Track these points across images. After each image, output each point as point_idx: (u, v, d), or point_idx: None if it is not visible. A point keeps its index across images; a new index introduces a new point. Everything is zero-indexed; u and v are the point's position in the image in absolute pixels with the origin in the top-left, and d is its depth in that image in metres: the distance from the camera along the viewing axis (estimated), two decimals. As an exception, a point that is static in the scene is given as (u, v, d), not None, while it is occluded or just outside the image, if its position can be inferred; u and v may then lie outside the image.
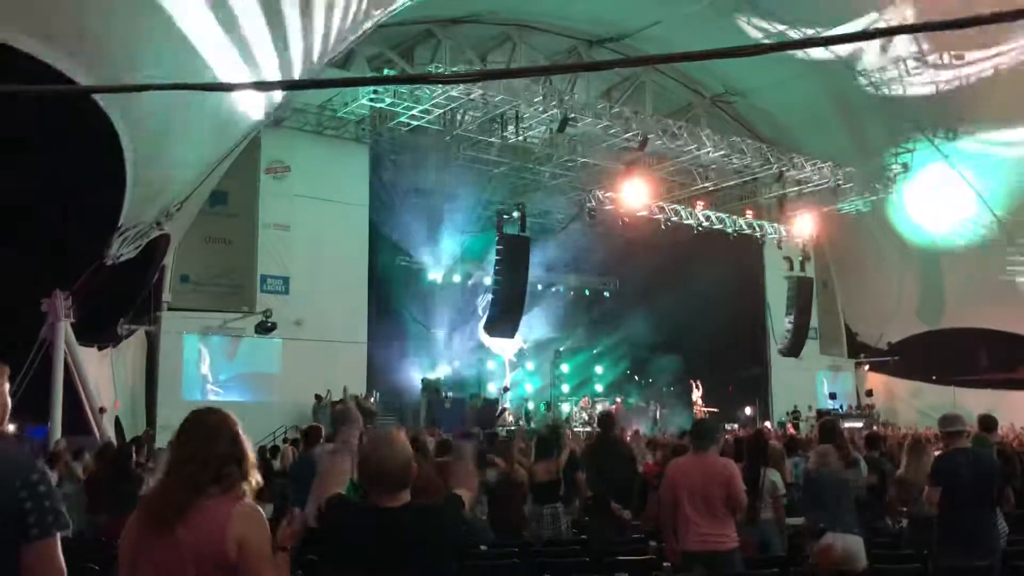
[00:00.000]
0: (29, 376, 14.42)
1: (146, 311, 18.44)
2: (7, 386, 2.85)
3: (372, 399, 19.73)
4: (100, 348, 16.88)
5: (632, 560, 6.61)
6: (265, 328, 19.43)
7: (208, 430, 2.84)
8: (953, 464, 6.13)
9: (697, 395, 25.29)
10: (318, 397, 19.00)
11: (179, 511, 2.70)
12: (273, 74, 13.34)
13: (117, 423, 16.40)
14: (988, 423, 8.62)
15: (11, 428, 15.36)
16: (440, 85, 18.02)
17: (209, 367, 19.43)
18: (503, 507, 8.22)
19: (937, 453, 6.75)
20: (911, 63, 22.22)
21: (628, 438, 13.97)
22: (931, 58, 21.82)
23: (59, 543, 2.60)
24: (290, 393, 19.39)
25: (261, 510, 2.86)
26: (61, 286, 14.97)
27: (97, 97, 11.47)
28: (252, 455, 2.91)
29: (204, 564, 2.69)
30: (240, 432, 2.89)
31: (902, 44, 21.56)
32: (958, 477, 6.02)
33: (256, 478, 2.88)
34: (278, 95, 15.95)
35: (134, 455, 10.27)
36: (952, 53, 21.46)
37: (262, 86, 11.44)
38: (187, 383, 19.07)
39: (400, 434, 3.27)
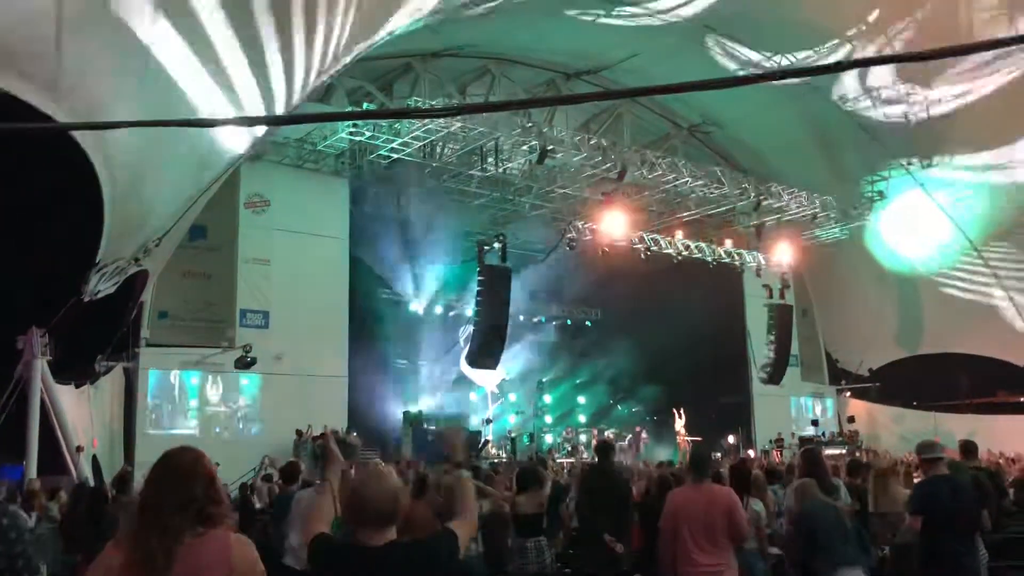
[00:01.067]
0: (5, 415, 14.24)
1: (124, 347, 18.27)
2: None
3: (353, 433, 19.55)
4: (77, 385, 16.67)
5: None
6: (245, 363, 19.26)
7: (183, 472, 2.79)
8: (934, 491, 6.13)
9: (680, 424, 25.26)
10: (299, 432, 18.84)
11: (168, 560, 2.65)
12: (253, 109, 13.35)
13: (95, 461, 16.15)
14: (968, 448, 8.66)
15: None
16: (420, 119, 18.10)
17: (188, 403, 19.24)
18: (490, 540, 8.14)
19: (917, 480, 6.76)
20: (885, 92, 22.55)
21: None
22: (904, 88, 22.15)
23: None
24: (270, 428, 19.24)
25: (251, 542, 2.84)
26: (38, 323, 14.82)
27: (75, 133, 11.43)
28: (226, 497, 2.87)
29: None
30: (213, 470, 2.85)
31: (877, 74, 21.87)
32: (939, 504, 6.02)
33: (233, 516, 2.84)
34: (259, 129, 15.95)
35: (110, 495, 10.13)
36: (923, 83, 21.80)
37: (241, 122, 11.44)
38: (166, 419, 18.87)
39: (387, 470, 3.24)
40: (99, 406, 17.46)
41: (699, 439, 24.55)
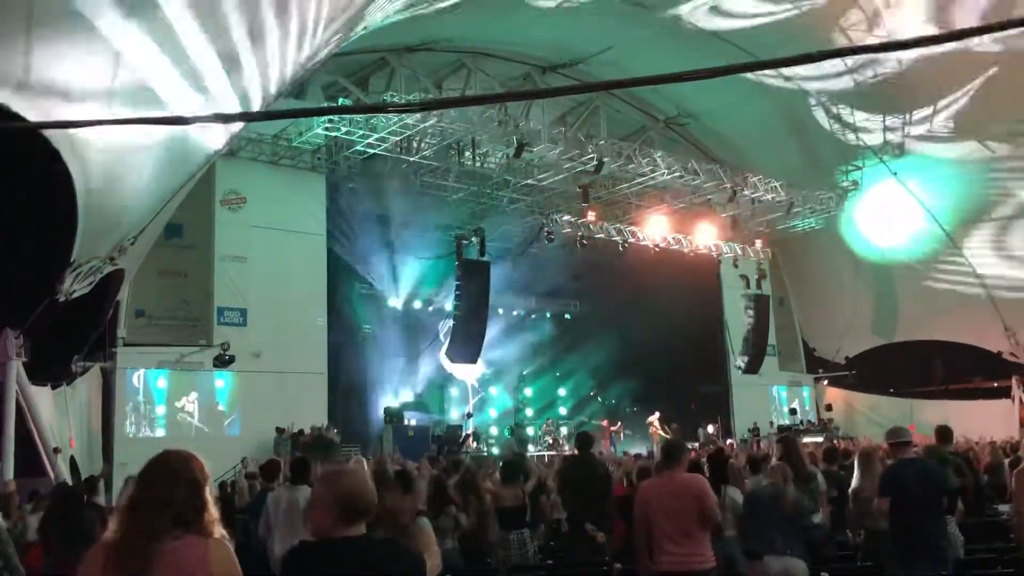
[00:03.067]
0: (-20, 418, 14.10)
1: (101, 347, 18.11)
2: None
3: (333, 431, 19.51)
4: (54, 387, 16.51)
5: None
6: (223, 361, 19.16)
7: (170, 474, 2.81)
8: (901, 474, 6.22)
9: (654, 416, 25.26)
10: (279, 430, 18.78)
11: (146, 559, 2.66)
12: (227, 106, 13.27)
13: (73, 462, 16.02)
14: (944, 434, 8.78)
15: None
16: (396, 114, 18.05)
17: (167, 402, 19.11)
18: (470, 534, 8.17)
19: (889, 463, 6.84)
20: (859, 82, 22.73)
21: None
22: (879, 77, 22.33)
23: None
24: (250, 426, 19.15)
25: (231, 548, 2.85)
26: (12, 325, 14.67)
27: (47, 132, 11.30)
28: (212, 503, 2.87)
29: None
30: (203, 478, 2.85)
31: (852, 64, 22.04)
32: (906, 487, 6.10)
33: (219, 530, 2.85)
34: (235, 126, 15.85)
35: (87, 496, 10.05)
36: (897, 71, 21.99)
37: (215, 119, 11.37)
38: (144, 419, 18.75)
39: (359, 465, 3.27)
40: (76, 407, 17.31)
41: (675, 425, 24.66)
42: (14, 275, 14.27)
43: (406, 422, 22.96)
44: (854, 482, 7.48)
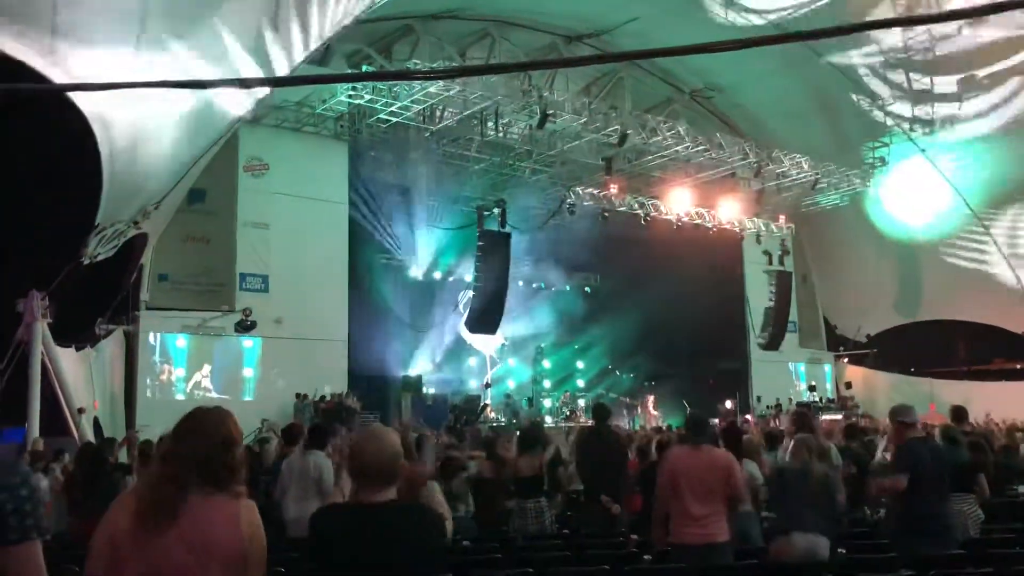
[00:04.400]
0: (6, 377, 14.32)
1: (124, 311, 18.28)
2: None
3: (353, 397, 19.66)
4: (78, 348, 16.72)
5: (614, 553, 6.65)
6: (245, 327, 19.31)
7: (203, 430, 2.84)
8: (917, 451, 6.18)
9: (650, 401, 25.26)
10: (299, 396, 18.94)
11: (172, 509, 2.69)
12: (251, 72, 13.26)
13: (96, 423, 16.26)
14: (959, 414, 8.75)
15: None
16: (419, 81, 17.96)
17: (188, 366, 19.30)
18: (487, 502, 8.24)
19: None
20: (890, 57, 22.41)
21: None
22: (910, 53, 22.00)
23: (39, 548, 2.58)
24: (270, 392, 19.32)
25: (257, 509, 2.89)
26: (38, 286, 14.83)
27: (72, 96, 11.36)
28: (243, 464, 2.90)
29: (210, 560, 2.68)
30: (237, 437, 2.88)
31: (882, 39, 21.72)
32: (922, 465, 6.07)
33: (243, 487, 2.87)
34: (258, 92, 15.84)
35: (114, 455, 10.21)
36: (930, 48, 21.66)
37: (240, 83, 11.36)
38: (166, 382, 18.95)
39: (388, 430, 3.28)
40: (99, 369, 17.53)
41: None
42: (40, 237, 14.42)
43: (425, 391, 23.08)
44: (878, 455, 7.44)
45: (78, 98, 11.75)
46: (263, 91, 16.24)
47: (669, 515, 5.86)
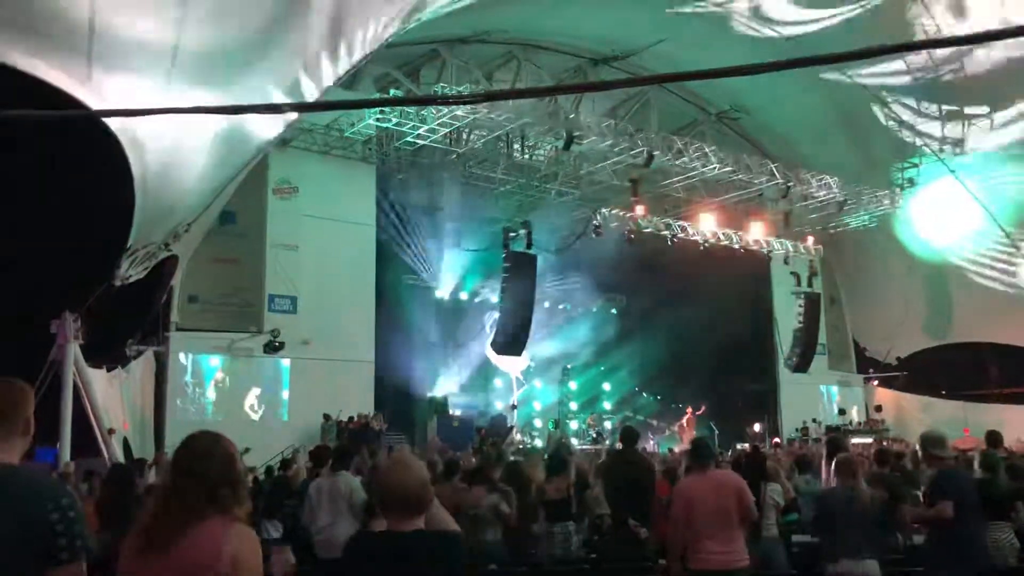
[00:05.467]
0: (39, 398, 14.46)
1: (155, 332, 18.50)
2: (31, 408, 2.91)
3: (379, 418, 19.70)
4: (109, 369, 16.93)
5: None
6: (273, 347, 19.44)
7: (203, 453, 2.84)
8: (959, 478, 6.12)
9: (687, 421, 25.00)
10: (326, 416, 19.01)
11: (173, 535, 2.68)
12: (282, 97, 13.44)
13: (126, 444, 16.41)
14: (995, 438, 8.62)
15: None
16: (447, 105, 18.10)
17: (217, 387, 19.44)
18: (515, 526, 8.20)
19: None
20: (919, 77, 22.28)
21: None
22: (939, 72, 21.87)
23: (84, 568, 2.63)
24: (298, 413, 19.41)
25: (254, 533, 2.88)
26: (71, 307, 15.04)
27: (106, 120, 11.57)
28: (246, 479, 2.91)
29: None
30: (235, 455, 2.89)
31: (911, 59, 21.62)
32: (965, 491, 5.99)
33: (248, 505, 2.88)
34: (288, 116, 16.04)
35: (141, 476, 10.29)
36: (960, 68, 21.51)
37: (268, 109, 11.52)
38: (195, 403, 19.08)
39: (414, 458, 3.28)
40: (129, 390, 17.72)
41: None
42: (73, 259, 14.65)
43: (451, 412, 23.08)
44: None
45: (112, 123, 11.97)
46: (292, 115, 16.44)
47: (685, 546, 5.85)
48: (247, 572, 2.75)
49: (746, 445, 21.53)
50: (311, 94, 14.02)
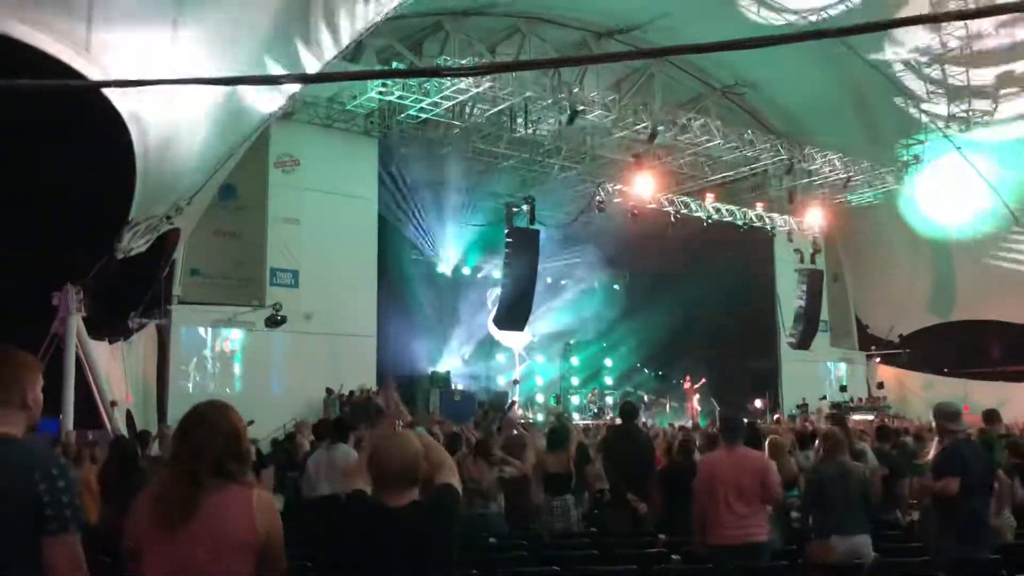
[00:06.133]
0: (42, 370, 14.51)
1: (157, 305, 18.51)
2: (40, 382, 2.89)
3: (381, 394, 19.73)
4: (111, 342, 16.95)
5: (641, 553, 6.61)
6: (275, 321, 19.45)
7: (209, 424, 2.85)
8: (965, 454, 6.09)
9: (694, 397, 25.06)
10: (329, 391, 19.06)
11: (190, 507, 2.70)
12: (283, 68, 13.35)
13: (129, 416, 16.47)
14: (991, 416, 8.62)
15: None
16: (449, 78, 17.98)
17: (219, 360, 19.47)
18: (515, 499, 8.23)
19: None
20: (925, 54, 22.10)
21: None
22: (945, 50, 21.68)
23: (79, 538, 2.61)
24: (300, 386, 19.43)
25: (275, 501, 2.90)
26: (72, 280, 15.04)
27: (107, 91, 11.49)
28: (250, 450, 2.92)
29: (227, 554, 2.70)
30: (240, 427, 2.89)
31: (918, 36, 21.43)
32: (970, 467, 5.97)
33: (252, 477, 2.89)
34: (289, 88, 15.93)
35: (144, 449, 10.32)
36: (966, 45, 21.33)
37: (271, 80, 11.44)
38: (197, 376, 19.12)
39: (407, 433, 3.28)
40: (132, 362, 17.75)
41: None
42: (74, 232, 14.63)
43: (453, 387, 23.13)
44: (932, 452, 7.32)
45: (113, 95, 11.90)
46: (294, 87, 16.34)
47: (708, 518, 5.87)
48: (276, 537, 2.81)
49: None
50: (312, 67, 13.92)
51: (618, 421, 9.32)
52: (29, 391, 2.84)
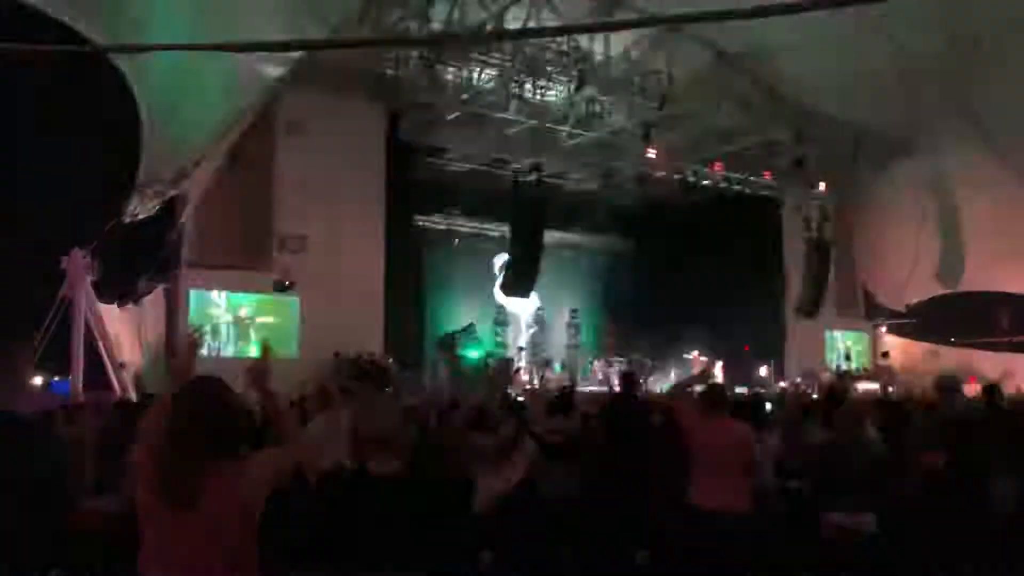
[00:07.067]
0: (51, 333, 14.70)
1: (165, 269, 18.62)
2: None
3: (388, 358, 19.88)
4: (120, 306, 17.10)
5: (639, 519, 6.70)
6: (283, 286, 19.55)
7: (201, 401, 2.87)
8: (962, 425, 6.14)
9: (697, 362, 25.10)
10: (337, 355, 19.19)
11: (186, 486, 2.74)
12: (290, 34, 13.31)
13: (138, 379, 16.64)
14: (991, 391, 8.64)
15: (38, 381, 15.79)
16: (456, 45, 17.85)
17: (227, 324, 19.59)
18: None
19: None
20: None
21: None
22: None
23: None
24: (308, 350, 19.55)
25: (265, 455, 2.98)
26: (81, 244, 15.15)
27: (112, 56, 11.49)
28: (245, 424, 2.96)
29: (225, 531, 2.75)
30: (233, 401, 2.92)
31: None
32: (966, 439, 6.02)
33: (247, 449, 2.93)
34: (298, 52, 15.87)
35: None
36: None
37: (276, 47, 11.38)
38: (212, 341, 19.21)
39: (389, 400, 3.33)
40: (141, 326, 17.90)
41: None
42: (82, 196, 14.71)
43: (459, 353, 23.19)
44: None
45: (117, 58, 11.89)
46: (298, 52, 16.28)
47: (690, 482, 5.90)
48: (268, 465, 2.92)
49: (746, 390, 21.69)
50: (318, 32, 13.87)
51: (618, 390, 9.36)
52: None
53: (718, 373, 25.07)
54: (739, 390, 21.41)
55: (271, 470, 2.94)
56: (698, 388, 6.69)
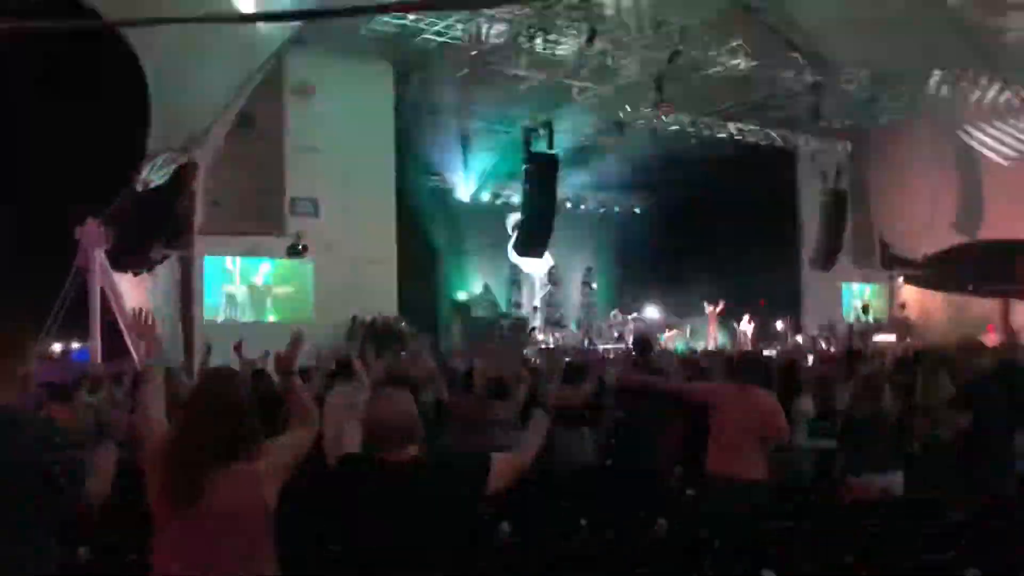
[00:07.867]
0: (68, 303, 14.80)
1: (178, 236, 18.63)
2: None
3: (403, 323, 19.92)
4: (135, 274, 17.17)
5: (655, 485, 6.71)
6: (296, 251, 19.55)
7: (212, 402, 2.86)
8: (983, 388, 6.08)
9: (714, 319, 25.03)
10: (354, 318, 19.25)
11: (197, 488, 2.75)
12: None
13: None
14: (1012, 341, 8.53)
15: (57, 348, 15.95)
16: (467, 9, 17.55)
17: (242, 291, 19.66)
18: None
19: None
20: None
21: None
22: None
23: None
24: (322, 315, 19.61)
25: (271, 444, 2.99)
26: (94, 213, 15.17)
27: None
28: (256, 424, 2.94)
29: (238, 533, 2.75)
30: (243, 402, 2.90)
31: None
32: (988, 401, 5.97)
33: (258, 443, 2.92)
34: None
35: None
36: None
37: (278, 18, 11.26)
38: (221, 307, 19.33)
39: (402, 391, 3.28)
40: (156, 294, 17.97)
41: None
42: (94, 165, 14.69)
43: (473, 313, 23.25)
44: (917, 395, 7.33)
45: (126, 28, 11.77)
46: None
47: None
48: (285, 449, 2.96)
49: (775, 352, 21.50)
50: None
51: (633, 354, 9.31)
52: None
53: (746, 328, 25.14)
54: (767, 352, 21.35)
55: (286, 459, 2.93)
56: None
